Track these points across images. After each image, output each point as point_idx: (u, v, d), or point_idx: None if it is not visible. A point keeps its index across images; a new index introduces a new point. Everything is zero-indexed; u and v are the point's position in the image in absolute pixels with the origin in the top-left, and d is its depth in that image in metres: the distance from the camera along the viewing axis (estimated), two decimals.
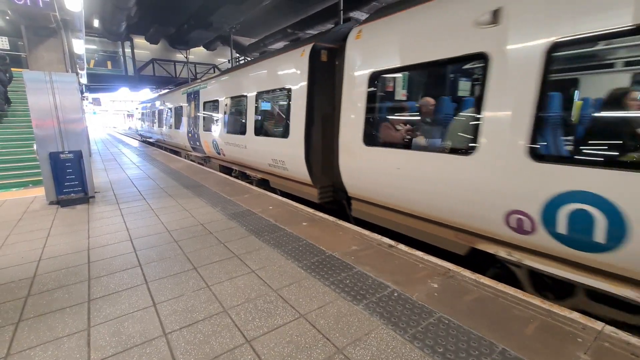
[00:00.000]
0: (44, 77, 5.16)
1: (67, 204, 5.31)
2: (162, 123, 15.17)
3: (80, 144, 5.50)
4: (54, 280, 2.86)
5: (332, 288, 2.64)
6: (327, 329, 2.14)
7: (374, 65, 3.95)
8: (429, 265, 3.02)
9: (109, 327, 2.21)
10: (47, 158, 5.20)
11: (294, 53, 5.37)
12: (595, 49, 2.82)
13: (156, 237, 3.84)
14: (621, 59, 3.10)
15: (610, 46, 2.77)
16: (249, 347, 1.98)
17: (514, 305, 2.36)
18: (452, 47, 3.10)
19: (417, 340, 2.02)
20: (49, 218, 4.69)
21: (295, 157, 5.37)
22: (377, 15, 4.06)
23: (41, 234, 4.02)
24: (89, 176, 5.57)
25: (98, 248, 3.56)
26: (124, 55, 20.68)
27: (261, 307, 2.40)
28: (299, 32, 16.11)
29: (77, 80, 5.60)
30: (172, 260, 3.21)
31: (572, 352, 1.90)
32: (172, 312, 2.35)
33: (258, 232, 3.92)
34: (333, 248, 3.43)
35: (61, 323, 2.26)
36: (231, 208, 4.98)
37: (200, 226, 4.19)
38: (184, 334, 2.11)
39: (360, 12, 12.32)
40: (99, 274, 2.97)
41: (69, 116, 5.38)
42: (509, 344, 1.96)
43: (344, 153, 4.47)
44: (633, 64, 3.14)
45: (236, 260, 3.18)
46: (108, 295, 2.60)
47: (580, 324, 2.13)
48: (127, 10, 12.90)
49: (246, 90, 6.97)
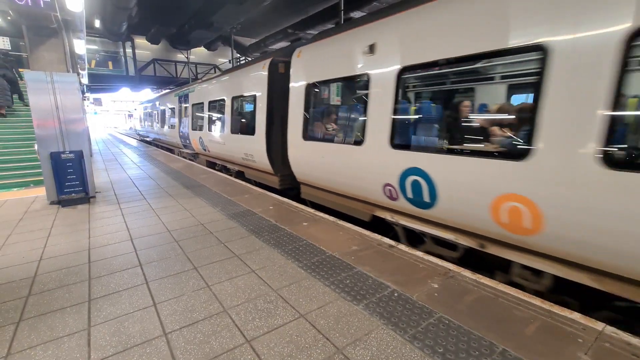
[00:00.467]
0: (45, 77, 5.17)
1: (68, 203, 5.32)
2: (157, 123, 16.36)
3: (81, 144, 5.51)
4: (55, 280, 2.87)
5: (332, 288, 2.64)
6: (327, 329, 2.14)
7: (307, 78, 5.08)
8: (429, 265, 3.02)
9: (110, 326, 2.21)
10: (48, 158, 5.21)
11: (258, 65, 6.50)
12: (424, 74, 4.12)
13: (157, 237, 3.84)
14: (437, 79, 4.54)
15: (431, 72, 4.05)
16: (248, 347, 1.99)
17: (514, 306, 2.35)
18: (352, 68, 4.21)
19: (417, 340, 2.02)
20: (49, 218, 4.70)
21: (260, 151, 6.44)
22: (312, 40, 5.18)
23: (42, 234, 4.02)
24: (89, 176, 5.58)
25: (99, 248, 3.57)
26: (125, 55, 20.69)
27: (261, 307, 2.40)
28: (300, 32, 16.09)
29: (78, 80, 5.60)
30: (172, 260, 3.21)
31: (572, 352, 1.89)
32: (172, 312, 2.35)
33: (258, 232, 3.93)
34: (333, 248, 3.43)
35: (62, 323, 2.27)
36: (231, 208, 4.98)
37: (200, 226, 4.19)
38: (184, 334, 2.11)
39: (361, 11, 12.30)
40: (100, 273, 2.97)
41: (70, 116, 5.39)
42: (509, 345, 1.96)
43: (291, 147, 5.55)
44: (439, 82, 4.73)
45: (236, 260, 3.18)
46: (108, 295, 2.60)
47: (581, 324, 2.13)
48: (128, 10, 12.91)
49: (224, 95, 8.14)
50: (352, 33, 4.27)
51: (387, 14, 3.80)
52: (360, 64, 4.05)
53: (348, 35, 4.32)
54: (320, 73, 4.85)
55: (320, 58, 4.84)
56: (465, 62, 3.19)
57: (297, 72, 5.32)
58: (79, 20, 7.78)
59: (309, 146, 5.11)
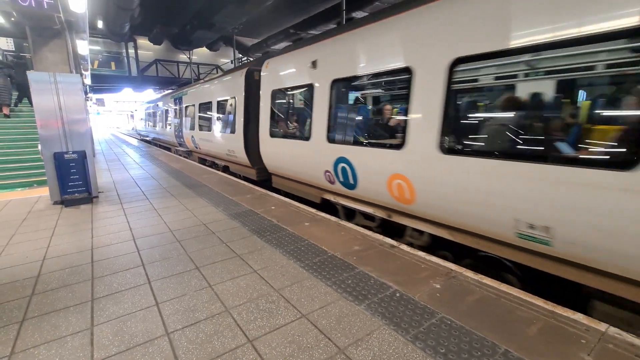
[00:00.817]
0: (49, 78, 5.20)
1: (71, 203, 5.35)
2: (156, 123, 17.49)
3: (84, 144, 5.54)
4: (58, 280, 2.89)
5: (334, 288, 2.64)
6: (329, 329, 2.14)
7: (272, 85, 6.15)
8: (431, 265, 3.02)
9: (112, 326, 2.22)
10: (52, 158, 5.24)
11: (238, 73, 7.59)
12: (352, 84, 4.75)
13: (159, 237, 3.86)
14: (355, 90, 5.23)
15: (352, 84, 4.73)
16: (250, 347, 1.99)
17: (516, 306, 2.34)
18: (303, 79, 5.28)
19: (419, 340, 2.02)
20: (53, 218, 4.72)
21: (239, 147, 7.45)
22: (276, 54, 6.23)
23: (45, 234, 4.05)
24: (92, 176, 5.60)
25: (101, 247, 3.58)
26: (127, 56, 20.76)
27: (263, 307, 2.41)
28: (301, 33, 16.10)
29: (81, 81, 5.63)
30: (174, 260, 3.22)
31: (575, 353, 1.88)
32: (174, 312, 2.36)
33: (260, 232, 3.93)
34: (335, 248, 3.43)
35: (65, 322, 2.28)
36: (233, 208, 4.99)
37: (202, 226, 4.20)
38: (187, 334, 2.12)
39: (363, 11, 12.28)
40: (102, 273, 2.99)
41: (73, 116, 5.42)
42: (511, 345, 1.95)
43: (262, 143, 6.59)
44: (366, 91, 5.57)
45: (238, 260, 3.19)
46: (111, 295, 2.62)
47: (584, 325, 2.12)
48: (130, 11, 12.96)
49: (211, 98, 9.22)
50: (302, 51, 5.32)
51: (324, 37, 4.88)
52: (307, 75, 5.11)
53: (299, 52, 5.38)
54: (281, 82, 5.94)
55: (281, 70, 5.92)
56: (371, 77, 4.16)
57: (265, 80, 6.41)
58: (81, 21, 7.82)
59: (274, 142, 6.19)
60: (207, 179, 7.43)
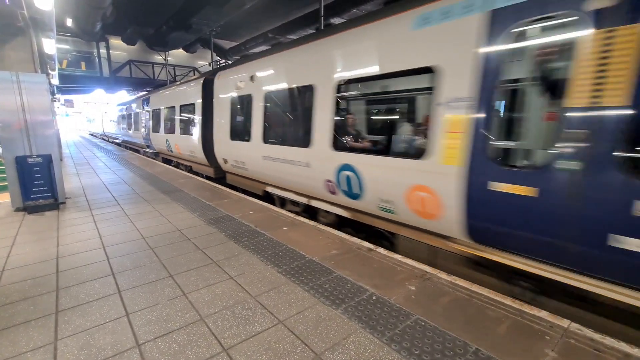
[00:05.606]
0: (11, 77, 4.92)
1: (35, 210, 5.06)
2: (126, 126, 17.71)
3: (50, 148, 5.27)
4: (19, 292, 2.71)
5: (311, 293, 2.64)
6: (306, 334, 2.13)
7: (221, 93, 7.08)
8: (406, 268, 3.08)
9: (78, 339, 2.11)
10: (13, 162, 4.94)
11: (197, 81, 8.51)
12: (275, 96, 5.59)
13: (131, 245, 3.71)
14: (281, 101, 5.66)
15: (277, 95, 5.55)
16: (225, 356, 1.95)
17: (487, 306, 2.43)
18: (245, 90, 6.15)
19: (395, 342, 2.05)
20: (14, 225, 4.44)
21: (198, 148, 8.27)
22: (227, 67, 7.25)
23: (5, 243, 3.80)
24: (59, 181, 5.33)
25: (68, 256, 3.41)
26: (99, 55, 19.91)
27: (239, 314, 2.37)
28: (280, 37, 16.08)
29: (47, 81, 5.36)
30: (147, 268, 3.11)
31: (540, 349, 1.98)
32: (146, 322, 2.28)
33: (237, 238, 3.87)
34: (313, 252, 3.43)
35: (25, 337, 2.15)
36: (210, 213, 4.89)
37: (177, 232, 4.09)
38: (159, 344, 2.05)
39: (341, 18, 12.45)
40: (68, 283, 2.84)
41: (38, 118, 5.15)
42: (482, 344, 2.02)
43: (217, 144, 7.38)
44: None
45: (214, 267, 3.12)
46: (77, 306, 2.49)
47: (548, 322, 2.23)
48: (102, 9, 12.46)
49: (174, 103, 9.94)
50: (244, 66, 6.34)
51: (261, 56, 5.86)
52: (248, 87, 6.02)
53: (242, 67, 6.40)
54: (228, 91, 6.82)
55: (229, 81, 6.79)
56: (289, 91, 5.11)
57: (217, 89, 7.33)
58: (48, 18, 7.44)
59: (225, 143, 7.08)
60: (184, 184, 7.24)
